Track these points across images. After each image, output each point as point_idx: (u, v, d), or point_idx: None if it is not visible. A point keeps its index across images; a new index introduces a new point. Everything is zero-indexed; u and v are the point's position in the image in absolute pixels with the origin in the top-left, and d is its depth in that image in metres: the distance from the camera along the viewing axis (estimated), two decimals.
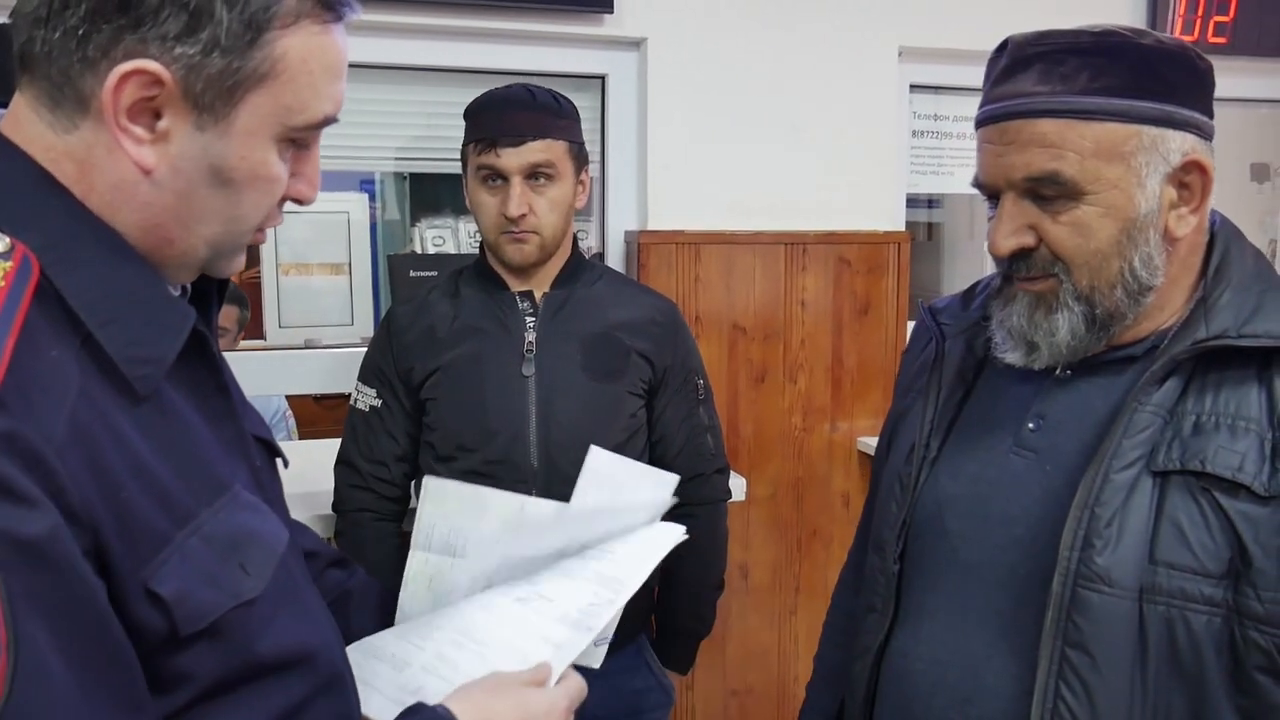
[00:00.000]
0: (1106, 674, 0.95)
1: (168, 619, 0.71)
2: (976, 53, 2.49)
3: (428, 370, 1.70)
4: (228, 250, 0.82)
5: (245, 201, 0.78)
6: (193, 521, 0.74)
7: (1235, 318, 0.98)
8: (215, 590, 0.74)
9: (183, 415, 0.78)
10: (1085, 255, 0.99)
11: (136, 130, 0.72)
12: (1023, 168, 0.98)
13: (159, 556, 0.71)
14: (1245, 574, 0.92)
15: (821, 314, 2.45)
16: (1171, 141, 0.97)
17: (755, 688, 2.51)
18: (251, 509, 0.81)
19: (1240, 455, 0.93)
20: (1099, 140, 0.96)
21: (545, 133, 1.65)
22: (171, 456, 0.74)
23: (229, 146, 0.75)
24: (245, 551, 0.78)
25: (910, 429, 1.18)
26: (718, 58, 2.34)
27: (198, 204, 0.76)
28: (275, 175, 0.79)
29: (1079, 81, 0.96)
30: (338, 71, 0.79)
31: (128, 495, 0.70)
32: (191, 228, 0.77)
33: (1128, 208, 0.98)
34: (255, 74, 0.74)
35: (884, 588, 1.15)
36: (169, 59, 0.71)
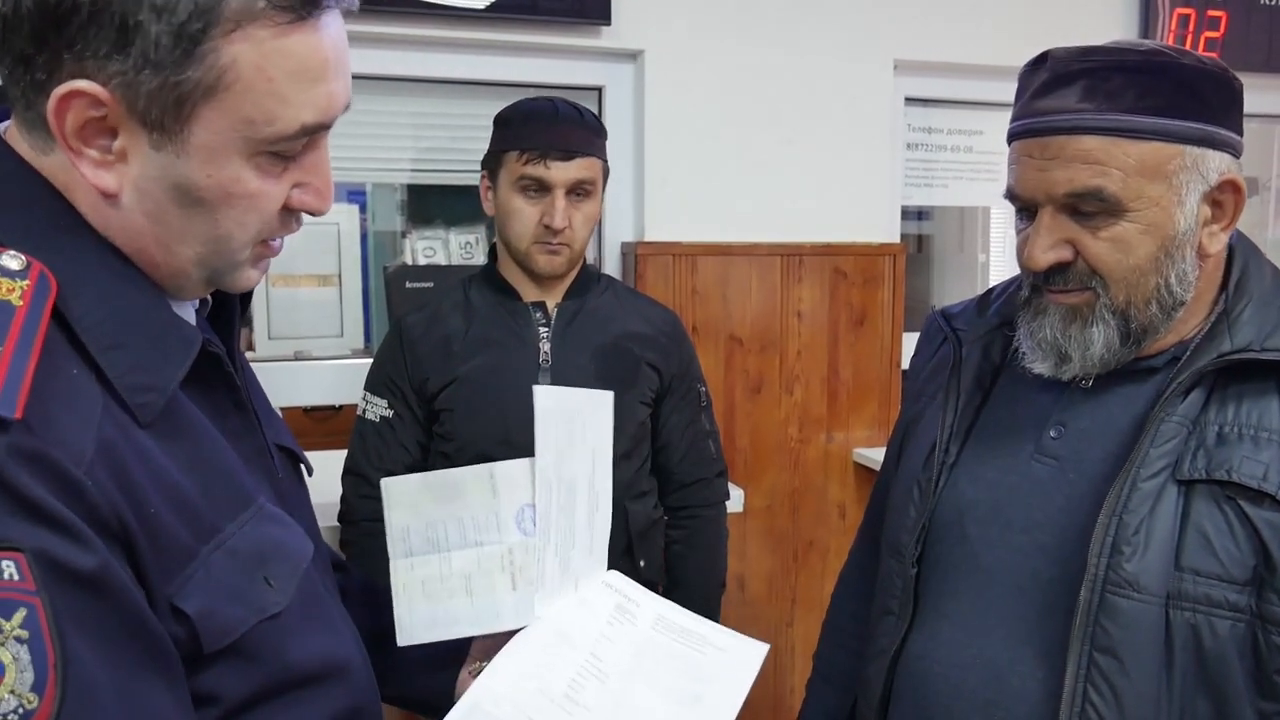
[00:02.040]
0: (1135, 678, 0.95)
1: (193, 636, 0.70)
2: (971, 66, 2.54)
3: (444, 381, 1.71)
4: (224, 268, 0.78)
5: (225, 220, 0.74)
6: (217, 536, 0.73)
7: (1258, 332, 0.99)
8: (240, 605, 0.73)
9: (204, 431, 0.77)
10: (1124, 271, 1.00)
11: (91, 153, 0.70)
12: (1065, 183, 0.98)
13: (184, 573, 0.70)
14: (1270, 580, 0.93)
15: (817, 325, 2.45)
16: (1211, 161, 0.98)
17: (752, 700, 2.47)
18: (276, 522, 0.80)
19: (1265, 465, 0.95)
20: (1143, 159, 0.97)
21: (590, 150, 1.70)
22: (193, 472, 0.73)
23: (191, 165, 0.71)
24: (270, 565, 0.77)
25: (926, 434, 1.19)
26: (715, 70, 2.35)
27: (172, 225, 0.73)
28: (253, 191, 0.74)
29: (1125, 99, 0.96)
30: (314, 74, 0.73)
31: (155, 511, 0.69)
32: (172, 249, 0.75)
33: (1167, 225, 0.99)
34: (200, 87, 0.69)
35: (901, 591, 1.15)
36: (104, 77, 0.68)
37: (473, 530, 1.01)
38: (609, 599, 1.05)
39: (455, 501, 1.02)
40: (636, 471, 1.77)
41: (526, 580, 1.01)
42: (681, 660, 1.03)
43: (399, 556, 1.04)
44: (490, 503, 1.01)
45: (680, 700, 1.00)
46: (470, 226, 2.70)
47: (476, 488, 1.02)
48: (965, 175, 2.69)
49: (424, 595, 1.02)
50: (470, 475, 1.02)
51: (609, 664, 0.98)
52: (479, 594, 1.01)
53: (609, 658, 0.99)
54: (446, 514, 1.02)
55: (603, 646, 1.00)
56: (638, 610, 1.05)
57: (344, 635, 0.88)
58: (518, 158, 1.67)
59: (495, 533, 1.01)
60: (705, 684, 1.02)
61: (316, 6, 0.72)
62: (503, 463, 1.02)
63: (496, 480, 1.01)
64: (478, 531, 1.01)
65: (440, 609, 1.02)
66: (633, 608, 1.05)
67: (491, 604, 1.00)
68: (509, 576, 1.01)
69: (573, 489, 1.04)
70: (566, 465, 1.04)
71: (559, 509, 1.03)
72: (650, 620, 1.04)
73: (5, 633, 0.58)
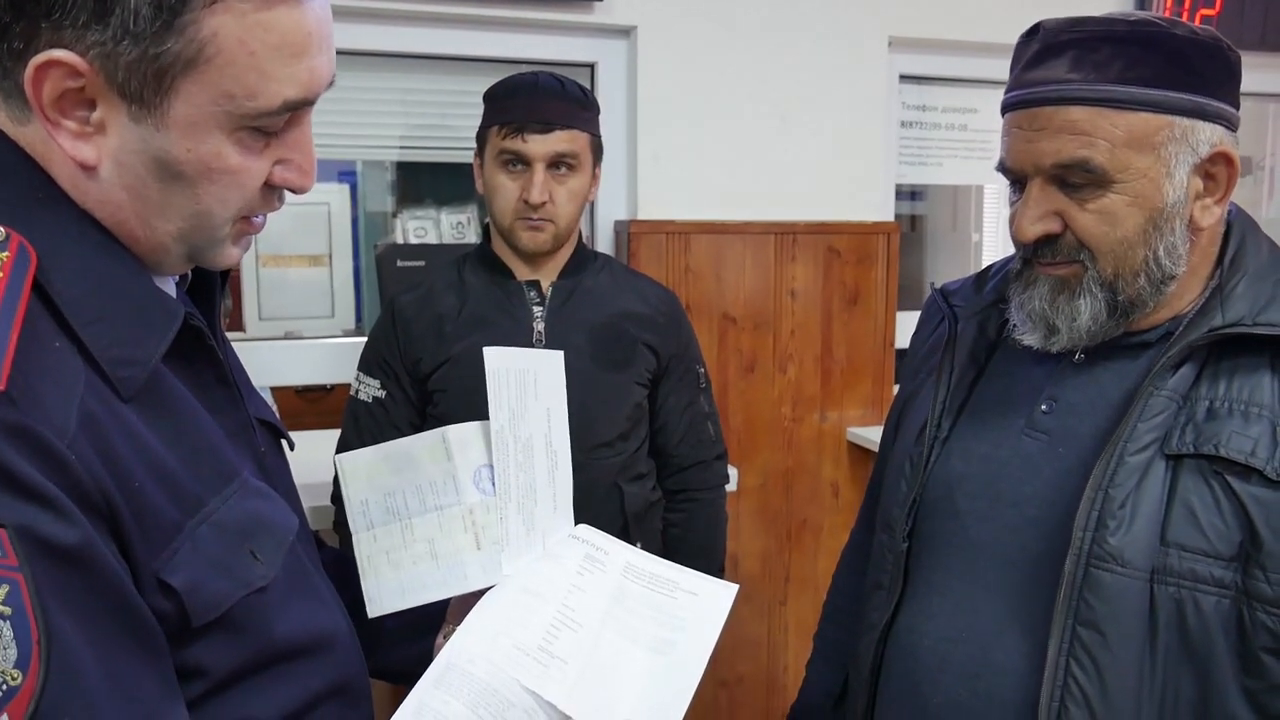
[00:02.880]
0: (1117, 652, 0.95)
1: (180, 609, 0.70)
2: (966, 43, 2.52)
3: (437, 362, 1.70)
4: (204, 244, 0.77)
5: (206, 195, 0.73)
6: (203, 510, 0.73)
7: (1251, 307, 0.99)
8: (227, 579, 0.73)
9: (187, 405, 0.76)
10: (1111, 243, 0.99)
11: (69, 124, 0.69)
12: (1052, 154, 0.98)
13: (170, 546, 0.70)
14: (1255, 557, 0.93)
15: (811, 304, 2.45)
16: (1201, 133, 0.97)
17: (745, 678, 2.51)
18: (261, 495, 0.80)
19: (1253, 440, 0.94)
20: (1131, 129, 0.96)
21: (572, 123, 1.66)
22: (177, 446, 0.73)
23: (170, 138, 0.70)
24: (256, 538, 0.77)
25: (921, 409, 1.19)
26: (708, 46, 2.33)
27: (152, 199, 0.73)
28: (234, 167, 0.73)
29: (1113, 70, 0.96)
30: (296, 49, 0.72)
31: (139, 485, 0.68)
32: (152, 223, 0.74)
33: (1155, 197, 0.98)
34: (180, 60, 0.68)
35: (892, 565, 1.16)
36: (83, 47, 0.67)
37: (431, 495, 1.01)
38: (577, 550, 1.05)
39: (410, 469, 1.02)
40: (634, 453, 1.76)
41: (490, 539, 1.01)
42: (654, 607, 1.04)
43: (361, 530, 1.04)
44: (446, 466, 1.01)
45: (654, 647, 1.01)
46: (461, 206, 2.68)
47: (430, 453, 1.02)
48: (960, 154, 2.68)
49: (390, 564, 1.02)
50: (423, 441, 1.02)
51: (581, 614, 0.98)
52: (444, 557, 1.01)
53: (581, 607, 0.99)
54: (403, 482, 1.02)
55: (574, 597, 1.00)
56: (606, 559, 1.05)
57: (330, 607, 0.88)
58: (498, 132, 1.66)
59: (454, 495, 1.01)
60: (678, 630, 1.03)
61: None
62: (454, 425, 1.02)
63: (450, 444, 1.01)
64: (436, 496, 1.01)
65: (407, 576, 1.02)
66: (601, 556, 1.05)
67: (458, 566, 1.00)
68: (472, 537, 1.01)
69: (530, 448, 1.04)
70: (522, 425, 1.04)
71: (517, 467, 1.03)
72: (620, 567, 1.04)
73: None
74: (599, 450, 1.69)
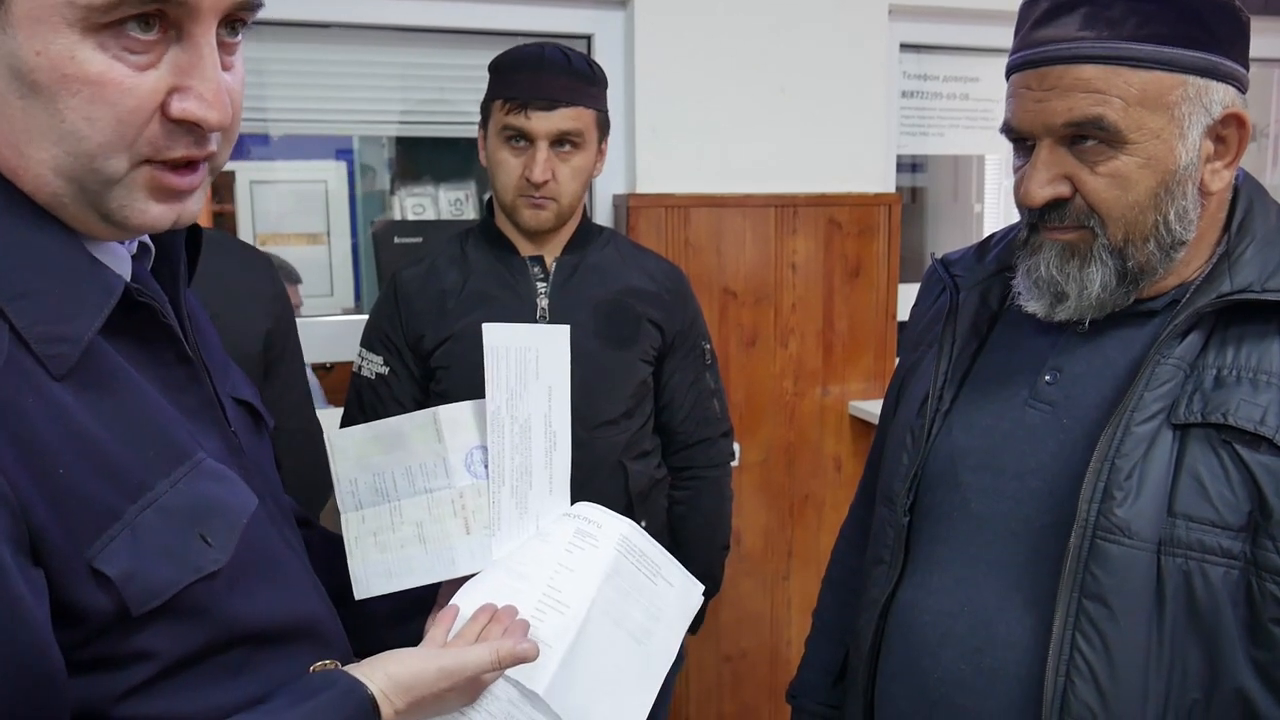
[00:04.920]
0: (1124, 625, 0.94)
1: (116, 600, 0.67)
2: (966, 10, 2.48)
3: (439, 338, 1.68)
4: (92, 183, 0.67)
5: (69, 111, 0.64)
6: (147, 494, 0.70)
7: (1260, 272, 0.97)
8: (172, 565, 0.70)
9: (133, 385, 0.72)
10: (1123, 208, 0.97)
11: None
12: (1064, 113, 0.96)
13: (106, 533, 0.67)
14: (1264, 526, 0.91)
15: (812, 277, 2.42)
16: (1215, 93, 0.95)
17: (749, 652, 2.51)
18: (215, 477, 0.76)
19: (1262, 409, 0.92)
20: (1145, 88, 0.94)
21: (577, 100, 1.63)
22: (117, 427, 0.69)
23: (18, 41, 0.63)
24: (207, 522, 0.73)
25: (922, 381, 1.17)
26: (705, 17, 2.29)
27: (16, 121, 0.65)
28: (95, 76, 0.64)
29: (1126, 27, 0.93)
30: None
31: (65, 473, 0.65)
32: (23, 151, 0.66)
33: (1168, 159, 0.96)
34: None
35: (893, 540, 1.14)
36: None
37: (421, 477, 1.00)
38: (568, 526, 1.04)
39: (401, 449, 1.01)
40: (639, 430, 1.74)
41: (480, 524, 0.99)
42: (640, 592, 1.03)
43: (349, 510, 1.03)
44: (436, 448, 1.00)
45: (636, 635, 1.00)
46: (460, 182, 2.66)
47: (421, 434, 1.00)
48: (961, 123, 2.65)
49: (377, 547, 1.01)
50: (414, 421, 1.01)
51: (568, 594, 0.97)
52: (432, 541, 1.00)
53: (568, 588, 0.98)
54: (393, 462, 1.01)
55: (561, 577, 0.98)
56: (599, 532, 1.03)
57: (306, 591, 0.86)
58: (501, 106, 1.64)
59: (444, 478, 1.00)
60: (657, 620, 1.03)
61: None
62: (446, 406, 1.01)
63: (441, 424, 1.00)
64: (426, 478, 1.00)
65: (394, 559, 1.01)
66: (594, 530, 1.03)
67: (446, 550, 0.99)
68: (461, 521, 0.99)
69: (527, 428, 1.03)
70: (520, 404, 1.02)
71: (512, 449, 1.01)
72: (615, 540, 1.03)
73: None
74: (603, 428, 1.68)
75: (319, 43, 2.18)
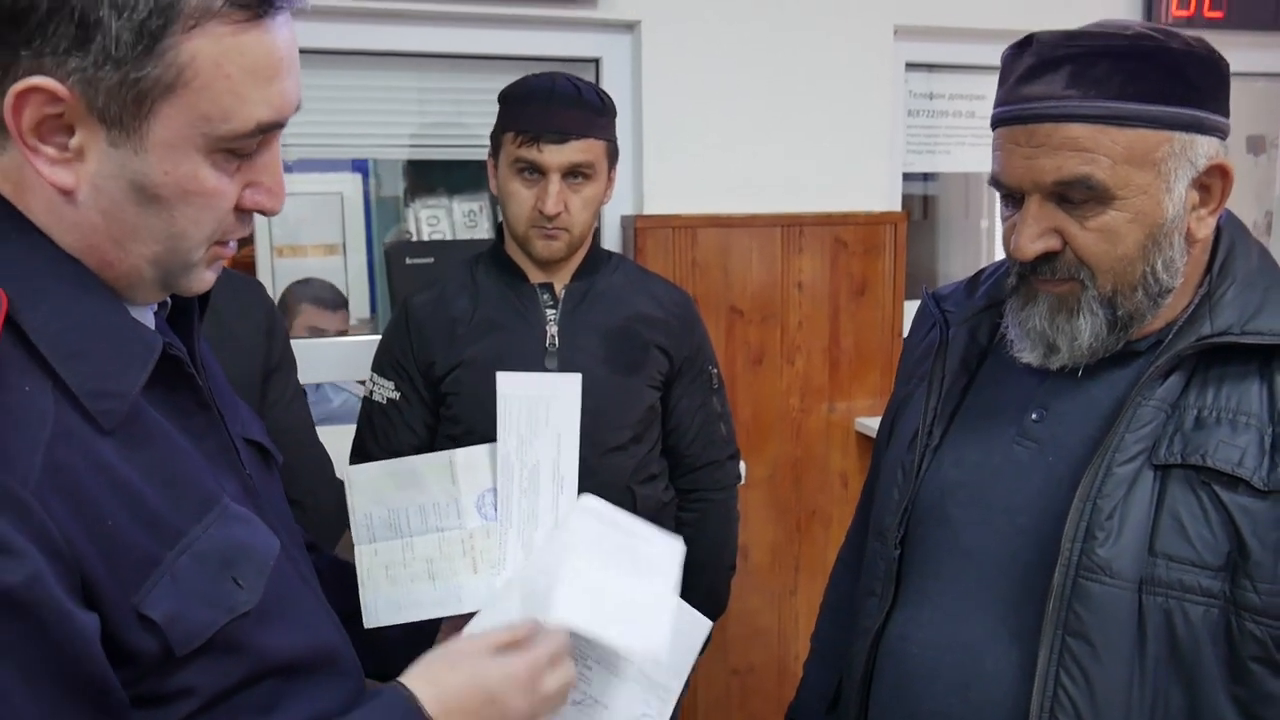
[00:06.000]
0: (1106, 662, 0.96)
1: (162, 641, 0.72)
2: (971, 30, 2.50)
3: (450, 365, 1.70)
4: (177, 268, 0.77)
5: (181, 218, 0.74)
6: (182, 540, 0.74)
7: (1239, 315, 0.98)
8: (209, 608, 0.75)
9: (166, 435, 0.77)
10: (1111, 261, 0.99)
11: (48, 150, 0.70)
12: (1053, 171, 0.97)
13: (149, 579, 0.71)
14: (1243, 566, 0.93)
15: (818, 295, 2.45)
16: (1199, 146, 0.97)
17: (756, 666, 2.54)
18: (241, 521, 0.80)
19: (1240, 450, 0.94)
20: (1131, 146, 0.95)
21: (588, 131, 1.65)
22: (155, 478, 0.74)
23: (148, 162, 0.71)
24: (237, 565, 0.78)
25: (913, 416, 1.19)
26: (712, 39, 2.32)
27: (128, 223, 0.73)
28: (210, 189, 0.74)
29: (1112, 86, 0.95)
30: (269, 72, 0.73)
31: (113, 524, 0.70)
32: (127, 247, 0.74)
33: (1155, 213, 0.97)
34: (160, 83, 0.69)
35: (884, 572, 1.17)
36: (63, 73, 0.67)
37: (434, 516, 1.05)
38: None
39: (416, 488, 1.05)
40: (647, 455, 1.77)
41: (488, 564, 1.04)
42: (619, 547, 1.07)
43: (363, 542, 1.07)
44: (450, 489, 1.04)
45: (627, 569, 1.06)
46: (473, 195, 2.69)
47: (436, 475, 1.05)
48: (968, 141, 2.66)
49: (388, 579, 1.06)
50: (430, 463, 1.06)
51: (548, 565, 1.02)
52: (441, 578, 1.04)
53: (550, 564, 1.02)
54: (408, 500, 1.05)
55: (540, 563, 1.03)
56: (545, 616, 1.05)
57: (324, 621, 0.90)
58: (513, 139, 1.65)
59: (455, 518, 1.04)
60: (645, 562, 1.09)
61: (271, 5, 0.73)
62: (462, 449, 1.05)
63: (456, 467, 1.04)
64: (439, 517, 1.05)
65: (403, 593, 1.05)
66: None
67: (453, 587, 1.04)
68: (470, 561, 1.04)
69: (536, 473, 1.06)
70: (529, 450, 1.06)
71: (520, 492, 1.05)
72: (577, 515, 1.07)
73: None
74: (611, 454, 1.70)
75: (337, 69, 2.21)
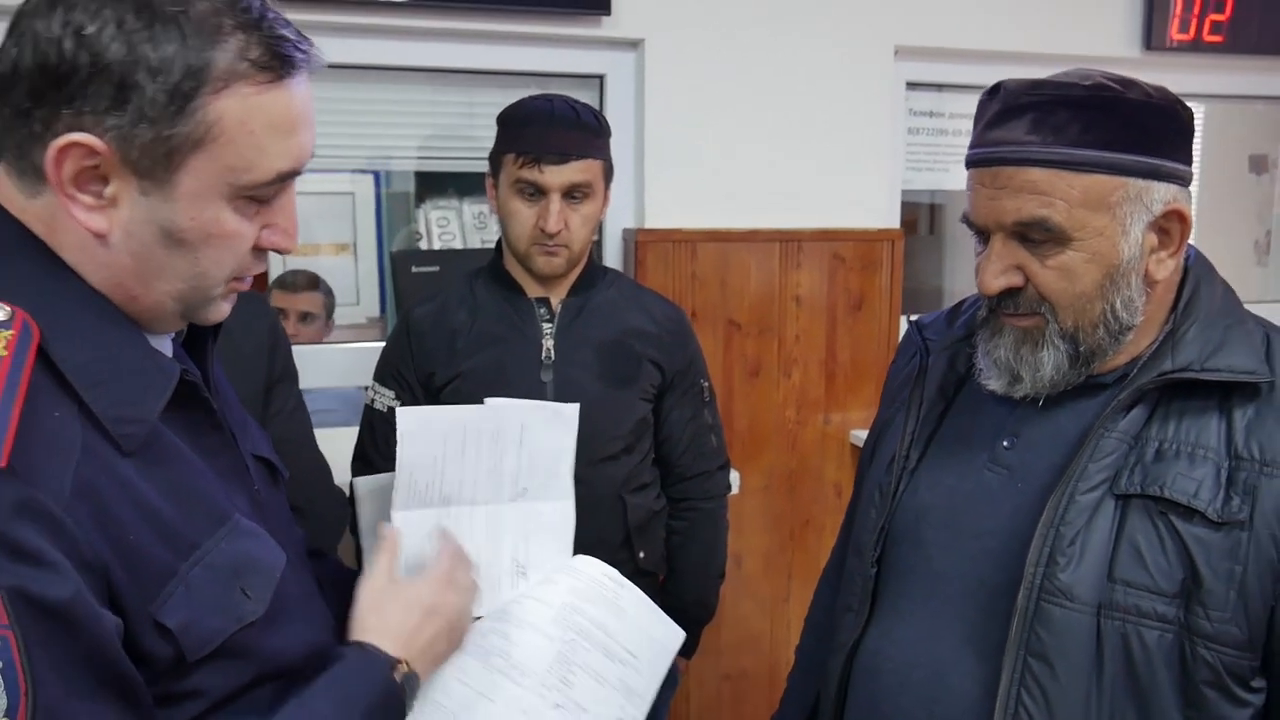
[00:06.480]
0: (1065, 683, 1.01)
1: (175, 647, 0.78)
2: (972, 51, 2.54)
3: (448, 376, 1.76)
4: (199, 303, 0.84)
5: (204, 259, 0.81)
6: (195, 553, 0.80)
7: (1200, 352, 1.03)
8: (219, 616, 0.81)
9: (181, 455, 0.83)
10: (1070, 298, 1.04)
11: (85, 198, 0.76)
12: (1013, 212, 1.02)
13: (165, 590, 0.77)
14: (1196, 594, 0.97)
15: (816, 309, 2.49)
16: (1155, 192, 1.01)
17: (748, 672, 2.58)
18: (250, 535, 0.87)
19: (1197, 482, 0.99)
20: (1087, 190, 1.00)
21: (587, 152, 1.71)
22: (172, 495, 0.80)
23: (176, 209, 0.77)
24: (246, 577, 0.84)
25: (892, 440, 1.24)
26: (715, 57, 2.37)
27: (155, 263, 0.79)
28: (231, 232, 0.81)
29: (1069, 133, 0.99)
30: (288, 128, 0.80)
31: (134, 538, 0.76)
32: (152, 285, 0.81)
33: (1111, 254, 1.02)
34: (190, 139, 0.76)
35: (861, 589, 1.21)
36: (101, 130, 0.74)
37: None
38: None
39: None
40: (638, 465, 1.82)
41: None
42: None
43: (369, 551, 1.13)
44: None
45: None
46: (483, 197, 2.74)
47: None
48: None
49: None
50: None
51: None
52: None
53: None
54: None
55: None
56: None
57: (324, 628, 0.96)
58: (514, 160, 1.71)
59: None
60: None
61: (291, 67, 0.80)
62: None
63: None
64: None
65: None
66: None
67: None
68: None
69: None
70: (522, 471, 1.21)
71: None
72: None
73: None
74: (604, 463, 1.76)
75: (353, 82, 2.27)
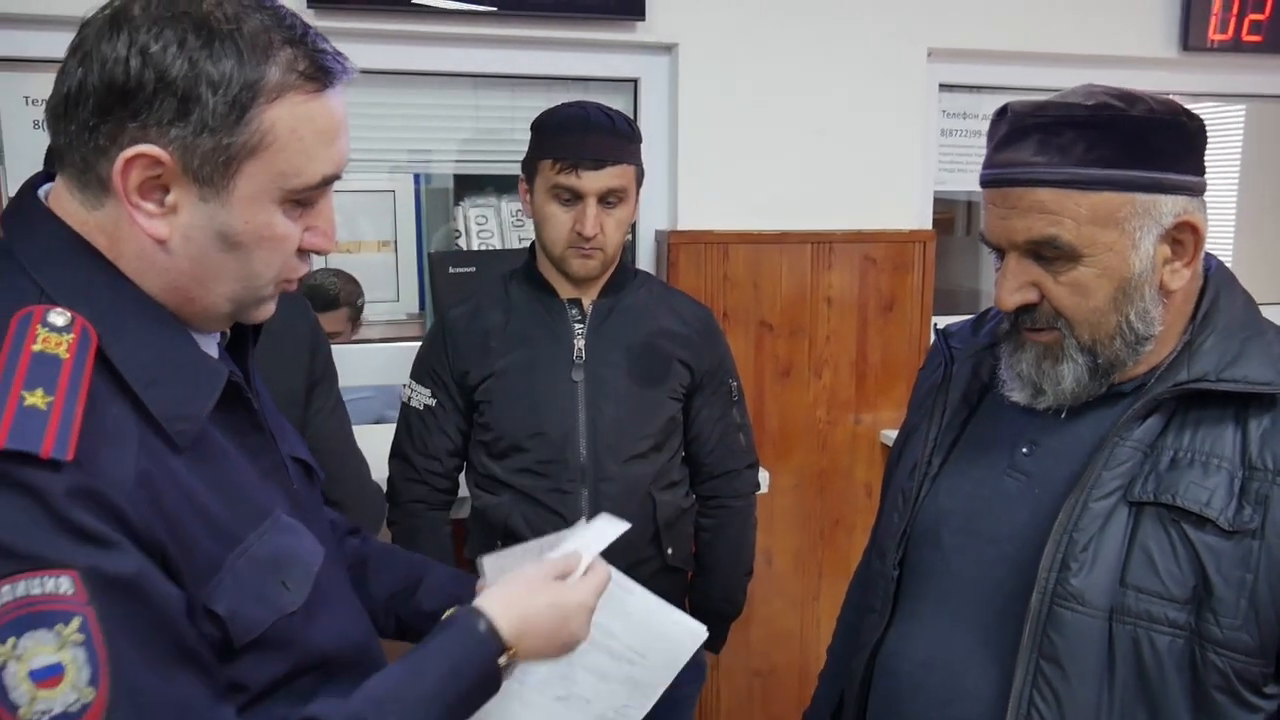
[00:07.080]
0: (1076, 686, 1.03)
1: (224, 633, 0.83)
2: (1006, 53, 2.54)
3: (483, 375, 1.82)
4: (249, 303, 0.89)
5: (256, 260, 0.86)
6: (240, 545, 0.86)
7: (1217, 362, 1.05)
8: (262, 606, 0.86)
9: (227, 453, 0.89)
10: (1084, 313, 1.06)
11: (148, 206, 0.81)
12: (1024, 231, 1.05)
13: (214, 579, 0.83)
14: (1207, 601, 0.99)
15: (847, 310, 2.51)
16: (1164, 205, 1.03)
17: (778, 668, 2.62)
18: (290, 531, 0.92)
19: (1210, 491, 1.00)
20: (1094, 208, 1.02)
21: (622, 158, 1.75)
22: (219, 490, 0.86)
23: (232, 213, 0.82)
24: (286, 570, 0.90)
25: (916, 445, 1.27)
26: (748, 61, 2.40)
27: (212, 266, 0.84)
28: (281, 234, 0.86)
29: (1075, 153, 1.02)
30: (331, 135, 0.86)
31: (187, 529, 0.81)
32: (209, 287, 0.86)
33: (1123, 268, 1.04)
34: (246, 147, 0.81)
35: (883, 591, 1.24)
36: (165, 141, 0.79)
37: None
38: None
39: None
40: (668, 463, 1.86)
41: None
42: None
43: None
44: None
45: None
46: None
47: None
48: None
49: None
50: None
51: None
52: None
53: None
54: None
55: None
56: None
57: (358, 620, 1.01)
58: (551, 166, 1.75)
59: None
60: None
61: (333, 78, 0.86)
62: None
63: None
64: None
65: None
66: None
67: None
68: None
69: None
70: None
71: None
72: None
73: (64, 638, 0.71)
74: (633, 461, 1.80)
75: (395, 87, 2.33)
